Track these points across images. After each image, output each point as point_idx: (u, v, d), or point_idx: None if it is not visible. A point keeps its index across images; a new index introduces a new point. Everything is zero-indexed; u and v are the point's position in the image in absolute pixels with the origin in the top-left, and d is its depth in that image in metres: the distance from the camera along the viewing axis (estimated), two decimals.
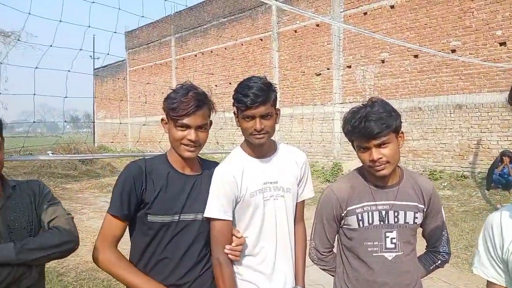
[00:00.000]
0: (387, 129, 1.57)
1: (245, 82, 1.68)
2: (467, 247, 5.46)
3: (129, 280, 1.60)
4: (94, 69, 29.76)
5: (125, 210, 1.62)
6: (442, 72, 10.70)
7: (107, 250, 1.61)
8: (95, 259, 1.63)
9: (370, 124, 1.55)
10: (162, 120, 1.75)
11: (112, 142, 21.00)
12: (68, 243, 1.57)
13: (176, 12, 19.98)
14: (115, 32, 3.53)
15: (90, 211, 8.66)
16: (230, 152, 1.86)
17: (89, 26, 2.98)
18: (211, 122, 1.78)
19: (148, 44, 22.94)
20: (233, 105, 1.71)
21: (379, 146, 1.59)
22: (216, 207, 1.68)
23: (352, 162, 12.46)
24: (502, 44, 9.62)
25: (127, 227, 1.69)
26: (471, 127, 10.17)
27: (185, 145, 1.66)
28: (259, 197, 1.73)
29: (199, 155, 1.81)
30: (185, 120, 1.63)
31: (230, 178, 1.70)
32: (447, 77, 10.59)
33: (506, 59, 9.41)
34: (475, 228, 6.36)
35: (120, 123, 24.40)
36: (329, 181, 11.71)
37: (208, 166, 1.83)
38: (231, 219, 1.71)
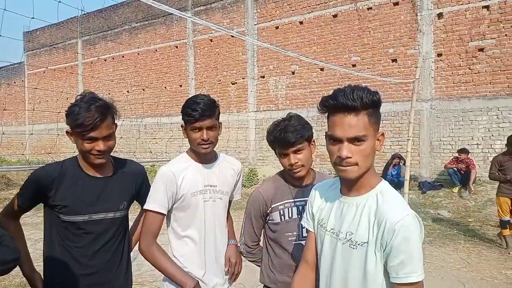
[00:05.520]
0: (301, 138, 1.87)
1: (193, 99, 1.89)
2: None
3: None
4: None
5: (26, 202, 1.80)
6: (344, 84, 11.72)
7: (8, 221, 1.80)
8: None
9: (288, 135, 1.85)
10: (67, 132, 1.77)
11: (10, 153, 18.90)
12: (16, 261, 1.46)
13: (84, 14, 18.84)
14: None
15: None
16: (160, 160, 2.00)
17: None
18: (116, 125, 1.84)
19: (51, 46, 21.21)
20: (182, 118, 1.89)
21: (295, 152, 1.88)
22: (153, 200, 1.84)
23: (266, 167, 12.97)
24: (394, 60, 10.96)
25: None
26: None
27: (94, 155, 1.73)
28: (199, 197, 1.92)
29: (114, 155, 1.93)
30: (92, 134, 1.68)
31: (170, 176, 1.87)
32: None
33: (397, 74, 10.74)
34: None
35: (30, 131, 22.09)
36: (245, 186, 12.04)
37: (121, 166, 1.92)
38: (165, 213, 1.87)
